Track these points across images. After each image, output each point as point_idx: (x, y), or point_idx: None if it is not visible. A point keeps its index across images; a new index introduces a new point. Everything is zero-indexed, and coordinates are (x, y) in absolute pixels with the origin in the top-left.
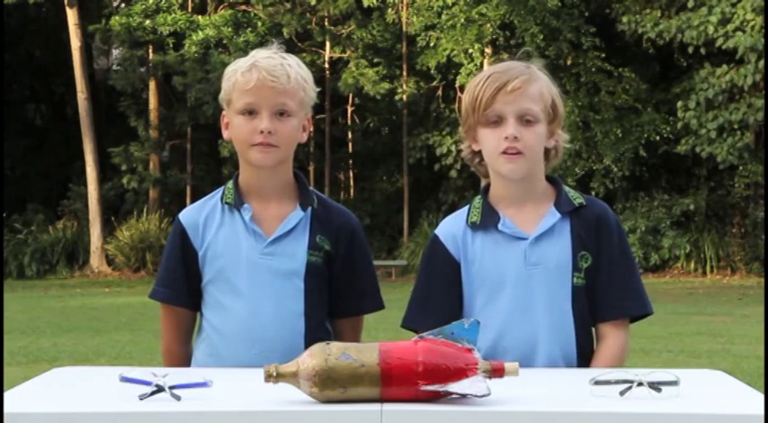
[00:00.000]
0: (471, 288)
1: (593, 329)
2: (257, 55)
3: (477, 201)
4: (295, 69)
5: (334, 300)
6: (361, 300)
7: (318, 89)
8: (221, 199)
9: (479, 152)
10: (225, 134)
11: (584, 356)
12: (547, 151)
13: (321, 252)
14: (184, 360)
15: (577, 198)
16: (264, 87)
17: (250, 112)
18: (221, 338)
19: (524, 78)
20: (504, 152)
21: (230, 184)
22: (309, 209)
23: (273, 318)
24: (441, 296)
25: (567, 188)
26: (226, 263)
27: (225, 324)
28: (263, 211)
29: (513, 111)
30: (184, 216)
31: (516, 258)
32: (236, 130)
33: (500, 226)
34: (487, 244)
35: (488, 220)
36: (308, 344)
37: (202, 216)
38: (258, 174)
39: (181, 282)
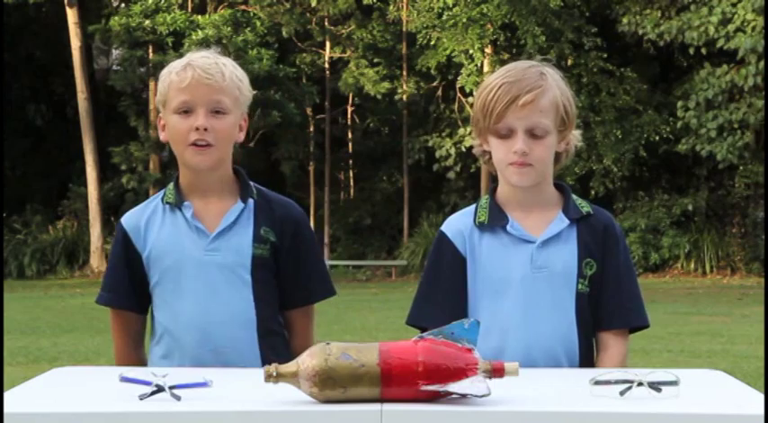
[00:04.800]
0: (476, 287)
1: (594, 337)
2: (192, 55)
3: (485, 200)
4: (230, 69)
5: (283, 291)
6: (311, 288)
7: (253, 91)
8: (162, 200)
9: (490, 152)
10: (162, 136)
11: (587, 363)
12: (557, 154)
13: (267, 244)
14: (137, 364)
15: (585, 206)
16: (200, 85)
17: (186, 111)
18: (174, 339)
19: (537, 92)
20: (513, 163)
21: (171, 185)
22: (250, 201)
23: (223, 313)
24: (447, 292)
25: (574, 196)
26: (171, 262)
27: (176, 324)
28: (205, 208)
29: (524, 125)
30: (126, 220)
31: (523, 261)
32: (172, 130)
33: (508, 228)
34: (494, 245)
35: (496, 221)
36: (260, 337)
37: (143, 218)
38: (197, 174)
39: (125, 285)
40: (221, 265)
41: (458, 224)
